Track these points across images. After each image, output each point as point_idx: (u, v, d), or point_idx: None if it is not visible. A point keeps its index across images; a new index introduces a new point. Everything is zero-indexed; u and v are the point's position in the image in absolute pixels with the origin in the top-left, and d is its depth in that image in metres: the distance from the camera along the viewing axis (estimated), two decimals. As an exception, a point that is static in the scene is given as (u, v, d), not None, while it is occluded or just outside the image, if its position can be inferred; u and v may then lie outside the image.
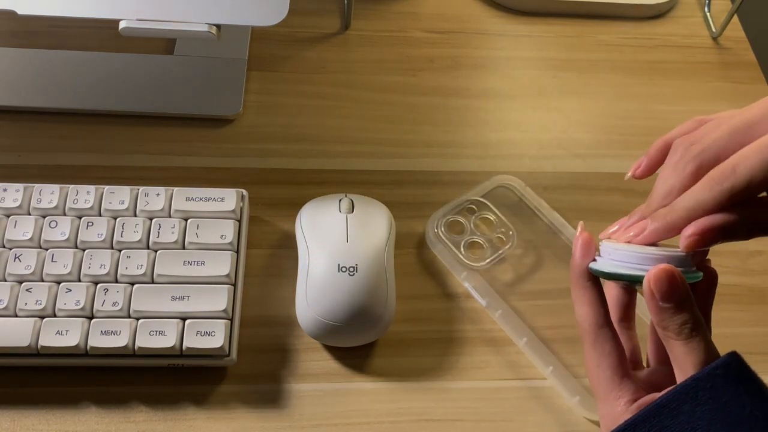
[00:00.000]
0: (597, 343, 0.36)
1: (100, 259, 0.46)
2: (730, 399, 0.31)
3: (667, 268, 0.32)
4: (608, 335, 0.36)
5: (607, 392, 0.35)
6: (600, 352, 0.36)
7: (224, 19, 0.47)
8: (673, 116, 0.60)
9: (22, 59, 0.57)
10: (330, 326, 0.45)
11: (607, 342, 0.36)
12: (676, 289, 0.32)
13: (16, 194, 0.47)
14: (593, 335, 0.36)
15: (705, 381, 0.31)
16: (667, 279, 0.32)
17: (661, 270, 0.32)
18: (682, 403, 0.31)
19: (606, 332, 0.36)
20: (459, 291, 0.50)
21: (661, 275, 0.32)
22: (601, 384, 0.36)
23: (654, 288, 0.32)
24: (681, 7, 0.68)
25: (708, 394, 0.31)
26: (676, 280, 0.32)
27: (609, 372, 0.35)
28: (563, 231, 0.52)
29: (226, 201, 0.48)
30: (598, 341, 0.36)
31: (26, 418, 0.43)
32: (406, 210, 0.53)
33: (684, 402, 0.31)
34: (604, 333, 0.36)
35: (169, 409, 0.44)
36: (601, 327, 0.36)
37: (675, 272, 0.32)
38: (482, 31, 0.65)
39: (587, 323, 0.36)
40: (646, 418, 0.32)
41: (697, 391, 0.31)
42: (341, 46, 0.62)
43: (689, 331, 0.32)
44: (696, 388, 0.31)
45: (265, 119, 0.57)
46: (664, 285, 0.32)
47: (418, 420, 0.45)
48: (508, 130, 0.58)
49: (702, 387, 0.31)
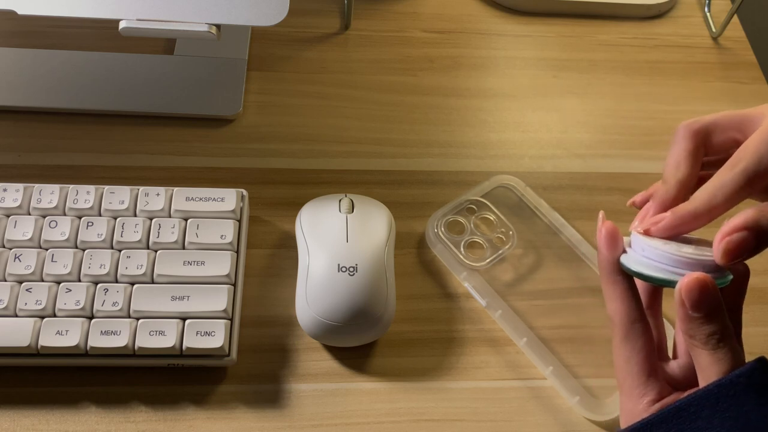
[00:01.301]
0: (628, 339, 0.35)
1: (100, 259, 0.46)
2: (752, 408, 0.30)
3: (700, 277, 0.32)
4: (640, 331, 0.35)
5: (632, 389, 0.35)
6: (631, 348, 0.35)
7: (224, 19, 0.47)
8: (673, 116, 0.60)
9: (22, 59, 0.57)
10: (330, 326, 0.45)
11: (639, 338, 0.35)
12: (707, 300, 0.32)
13: (16, 194, 0.47)
14: (625, 330, 0.35)
15: (727, 388, 0.31)
16: (699, 289, 0.31)
17: (693, 279, 0.32)
18: (702, 408, 0.31)
19: (639, 327, 0.35)
20: (459, 291, 0.50)
21: (693, 285, 0.32)
22: (627, 380, 0.35)
23: (685, 297, 0.32)
24: (681, 7, 0.68)
25: (729, 402, 0.31)
26: (707, 290, 0.32)
27: (637, 369, 0.35)
28: (563, 231, 0.52)
29: (226, 201, 0.48)
30: (629, 337, 0.35)
31: (26, 418, 0.43)
32: (406, 210, 0.53)
33: (703, 408, 0.31)
34: (637, 329, 0.35)
35: (169, 409, 0.44)
36: (634, 322, 0.35)
37: (708, 282, 0.32)
38: (482, 31, 0.65)
39: (619, 318, 0.35)
40: (664, 419, 0.32)
41: (719, 398, 0.31)
42: (341, 46, 0.62)
43: (716, 341, 0.32)
44: (717, 395, 0.31)
45: (265, 119, 0.57)
46: (695, 295, 0.31)
47: (418, 420, 0.45)
48: (508, 130, 0.58)
49: (724, 395, 0.31)
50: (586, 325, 0.49)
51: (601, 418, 0.45)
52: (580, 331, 0.49)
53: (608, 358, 0.48)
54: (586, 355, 0.48)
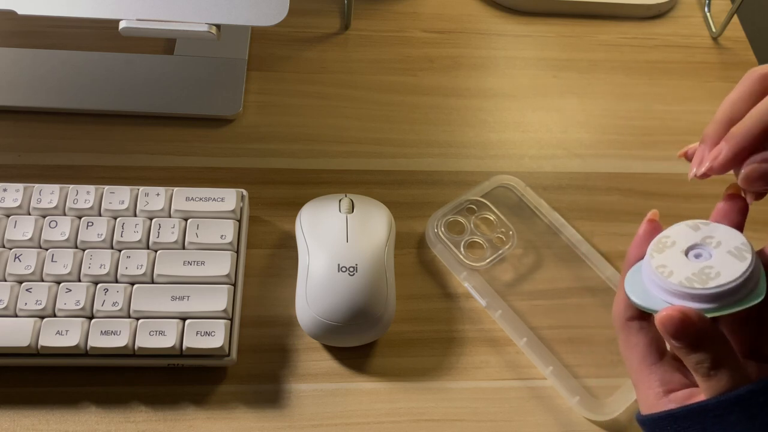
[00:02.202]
0: (622, 334, 0.36)
1: (100, 259, 0.46)
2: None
3: (675, 311, 0.31)
4: (636, 328, 0.35)
5: (638, 381, 0.35)
6: (625, 342, 0.36)
7: (224, 19, 0.47)
8: (673, 116, 0.60)
9: (22, 59, 0.57)
10: (330, 326, 0.45)
11: (634, 334, 0.35)
12: (683, 332, 0.31)
13: (16, 194, 0.47)
14: (619, 327, 0.36)
15: (759, 395, 0.30)
16: (672, 324, 0.31)
17: (667, 314, 0.31)
18: (730, 412, 0.30)
19: (634, 325, 0.35)
20: (459, 291, 0.50)
21: (667, 320, 0.31)
22: (632, 374, 0.36)
23: (662, 329, 0.32)
24: (681, 7, 0.68)
25: (760, 409, 0.30)
26: (683, 324, 0.31)
27: (636, 362, 0.35)
28: (563, 231, 0.52)
29: (226, 201, 0.48)
30: (623, 333, 0.36)
31: (26, 418, 0.43)
32: (406, 210, 0.53)
33: (731, 412, 0.30)
34: (631, 326, 0.36)
35: (169, 409, 0.44)
36: (629, 320, 0.36)
37: (684, 316, 0.31)
38: (482, 31, 0.65)
39: (614, 316, 0.36)
40: (687, 415, 0.32)
41: (749, 404, 0.30)
42: (341, 46, 0.62)
43: (707, 369, 0.31)
44: (749, 401, 0.30)
45: (265, 119, 0.57)
46: (670, 328, 0.31)
47: (418, 420, 0.45)
48: (508, 130, 0.58)
49: (755, 402, 0.30)
50: (586, 325, 0.49)
51: (601, 418, 0.45)
52: (580, 331, 0.49)
53: (608, 358, 0.48)
54: (586, 355, 0.48)
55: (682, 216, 0.54)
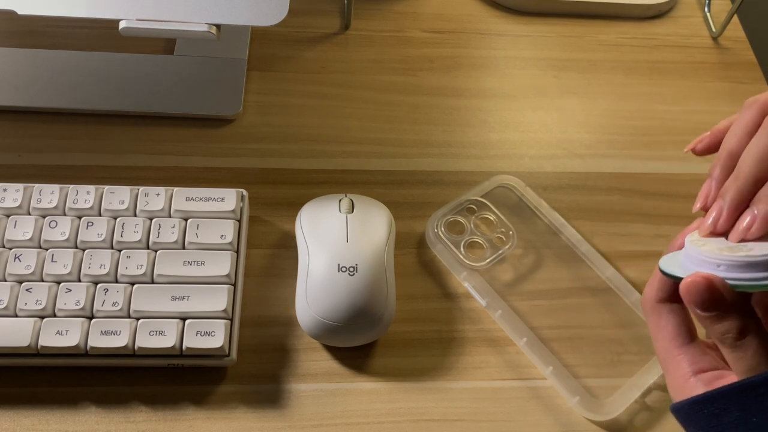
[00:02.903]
0: (651, 317, 0.36)
1: (100, 259, 0.46)
2: None
3: (699, 278, 0.31)
4: (665, 310, 0.35)
5: (666, 363, 0.35)
6: (655, 325, 0.35)
7: (224, 19, 0.47)
8: (673, 116, 0.60)
9: (22, 59, 0.57)
10: (330, 326, 0.45)
11: (661, 317, 0.35)
12: (709, 300, 0.31)
13: (16, 194, 0.47)
14: (648, 310, 0.36)
15: None
16: (698, 290, 0.31)
17: (692, 279, 0.31)
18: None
19: (662, 308, 0.35)
20: (459, 291, 0.50)
21: (691, 286, 0.31)
22: (660, 355, 0.35)
23: (687, 297, 0.31)
24: (681, 7, 0.68)
25: None
26: (709, 290, 0.31)
27: (666, 343, 0.35)
28: (563, 231, 0.52)
29: (226, 201, 0.48)
30: (651, 316, 0.35)
31: (26, 418, 0.43)
32: (406, 210, 0.53)
33: None
34: (659, 308, 0.35)
35: (169, 409, 0.44)
36: (657, 302, 0.35)
37: (709, 282, 0.31)
38: (482, 31, 0.65)
39: (645, 299, 0.36)
40: (726, 395, 0.31)
41: None
42: (341, 46, 0.62)
43: (732, 340, 0.31)
44: None
45: (265, 119, 0.57)
46: (695, 295, 0.31)
47: (418, 420, 0.45)
48: (508, 130, 0.58)
49: None
50: (586, 325, 0.49)
51: (601, 418, 0.45)
52: (580, 331, 0.49)
53: (608, 358, 0.48)
54: (586, 355, 0.48)
55: (683, 216, 0.55)
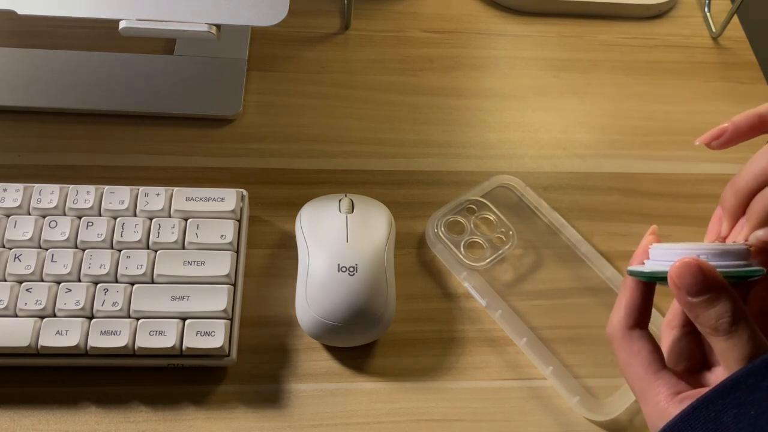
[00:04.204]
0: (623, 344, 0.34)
1: (100, 259, 0.46)
2: None
3: (689, 260, 0.30)
4: (637, 336, 0.34)
5: (643, 391, 0.33)
6: (628, 352, 0.34)
7: (224, 19, 0.47)
8: (673, 116, 0.60)
9: (22, 59, 0.57)
10: (330, 326, 0.45)
11: (635, 342, 0.34)
12: (703, 281, 0.30)
13: (16, 194, 0.47)
14: (621, 337, 0.34)
15: None
16: (690, 272, 0.30)
17: (682, 263, 0.30)
18: (764, 377, 0.29)
19: (636, 334, 0.34)
20: (459, 291, 0.50)
21: (683, 269, 0.30)
22: (636, 383, 0.34)
23: (678, 283, 0.30)
24: (681, 7, 0.68)
25: None
26: (701, 271, 0.30)
27: (642, 369, 0.33)
28: (563, 231, 0.52)
29: (226, 201, 0.48)
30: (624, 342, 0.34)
31: (26, 418, 0.43)
32: (406, 210, 0.53)
33: (765, 377, 0.29)
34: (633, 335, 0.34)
35: (169, 409, 0.44)
36: (630, 329, 0.34)
37: (700, 263, 0.30)
38: (482, 31, 0.65)
39: (614, 326, 0.35)
40: (719, 394, 0.29)
41: None
42: (341, 46, 0.62)
43: (728, 325, 0.30)
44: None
45: (265, 119, 0.57)
46: (687, 278, 0.30)
47: (418, 420, 0.45)
48: (508, 130, 0.58)
49: None
50: (586, 325, 0.49)
51: (601, 418, 0.45)
52: (580, 331, 0.49)
53: (608, 358, 0.48)
54: (586, 355, 0.48)
55: (683, 216, 0.55)
